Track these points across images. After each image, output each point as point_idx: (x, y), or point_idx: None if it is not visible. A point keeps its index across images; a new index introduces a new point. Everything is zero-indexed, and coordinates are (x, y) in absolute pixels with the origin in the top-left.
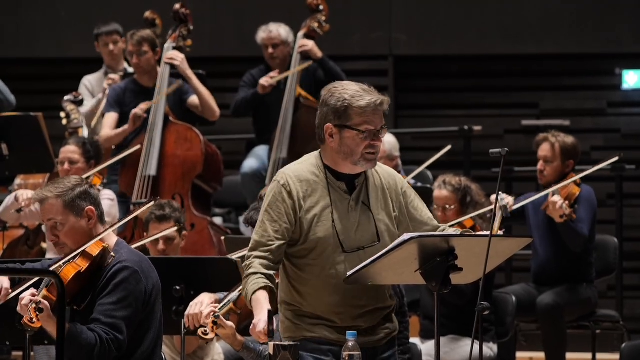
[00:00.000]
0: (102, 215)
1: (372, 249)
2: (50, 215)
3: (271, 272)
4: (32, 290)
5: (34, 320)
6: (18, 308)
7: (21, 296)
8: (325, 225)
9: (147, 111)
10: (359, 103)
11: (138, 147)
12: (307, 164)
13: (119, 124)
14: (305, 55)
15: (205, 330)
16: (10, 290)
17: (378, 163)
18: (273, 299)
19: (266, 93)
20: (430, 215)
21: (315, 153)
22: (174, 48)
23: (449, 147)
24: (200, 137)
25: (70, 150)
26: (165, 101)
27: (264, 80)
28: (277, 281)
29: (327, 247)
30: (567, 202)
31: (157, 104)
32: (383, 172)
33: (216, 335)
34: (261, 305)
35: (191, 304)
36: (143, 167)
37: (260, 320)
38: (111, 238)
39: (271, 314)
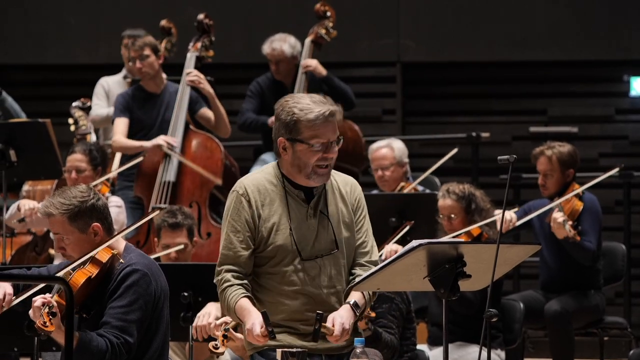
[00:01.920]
0: (110, 227)
1: (331, 257)
2: (56, 230)
3: (245, 282)
4: (45, 295)
5: (47, 324)
6: (30, 312)
7: (34, 298)
8: (284, 233)
9: (162, 117)
10: (307, 116)
11: (141, 159)
12: (265, 174)
13: (129, 128)
14: (310, 74)
15: (216, 344)
16: (13, 297)
17: (335, 172)
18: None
19: (273, 104)
20: (368, 243)
21: (274, 163)
22: (197, 58)
23: (455, 150)
24: (221, 148)
25: (76, 159)
26: (186, 109)
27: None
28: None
29: (285, 255)
30: (570, 221)
31: (179, 111)
32: (341, 180)
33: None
34: (248, 310)
35: (199, 315)
36: (163, 173)
37: (254, 323)
38: (120, 243)
39: (266, 314)
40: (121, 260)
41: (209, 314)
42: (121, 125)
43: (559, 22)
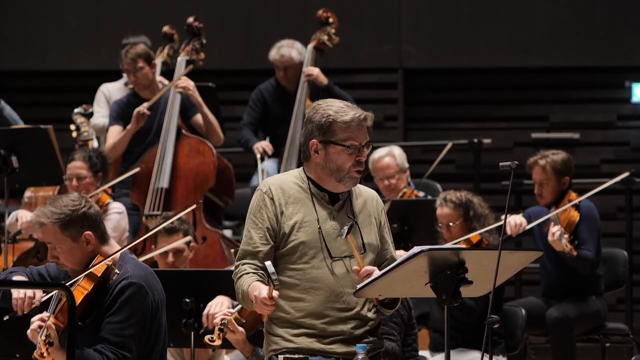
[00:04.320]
0: (103, 235)
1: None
2: (48, 239)
3: (261, 272)
4: (43, 315)
5: (45, 354)
6: (29, 332)
7: (32, 320)
8: (307, 230)
9: (159, 123)
10: (343, 118)
11: (137, 169)
12: (291, 176)
13: None
14: (311, 84)
15: (212, 337)
16: (43, 295)
17: (358, 185)
18: None
19: (276, 111)
20: (391, 253)
21: (299, 168)
22: (187, 61)
23: (449, 144)
24: (213, 151)
25: (77, 167)
26: (177, 114)
27: (261, 149)
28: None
29: (308, 251)
30: (567, 234)
31: (170, 117)
32: (365, 190)
33: (225, 344)
34: (258, 286)
35: (210, 303)
36: (155, 179)
37: (260, 289)
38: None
39: (270, 264)
40: (116, 271)
41: (221, 303)
42: (114, 132)
43: (560, 28)
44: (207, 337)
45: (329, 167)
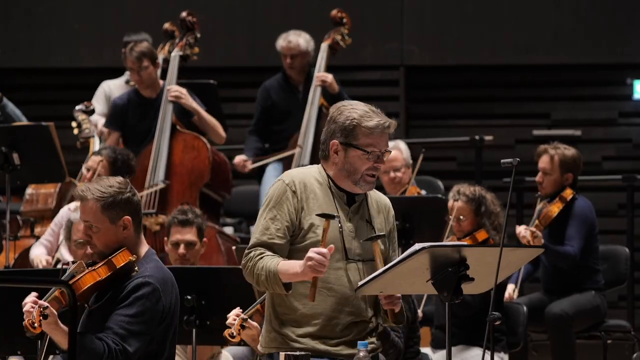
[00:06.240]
0: (139, 225)
1: (372, 263)
2: (86, 217)
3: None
4: (33, 296)
5: (36, 325)
6: (25, 315)
7: (24, 302)
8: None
9: (157, 122)
10: (367, 123)
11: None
12: (312, 171)
13: (127, 134)
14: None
15: (232, 333)
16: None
17: (375, 191)
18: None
19: (282, 106)
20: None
21: (318, 165)
22: (181, 56)
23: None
24: (208, 146)
25: (98, 161)
26: (172, 111)
27: (239, 165)
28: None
29: None
30: (534, 228)
31: (164, 114)
32: (379, 197)
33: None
34: (292, 263)
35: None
36: (151, 176)
37: (314, 250)
38: (142, 247)
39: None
40: (136, 268)
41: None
42: (112, 140)
43: (562, 26)
44: (227, 332)
45: (346, 168)
